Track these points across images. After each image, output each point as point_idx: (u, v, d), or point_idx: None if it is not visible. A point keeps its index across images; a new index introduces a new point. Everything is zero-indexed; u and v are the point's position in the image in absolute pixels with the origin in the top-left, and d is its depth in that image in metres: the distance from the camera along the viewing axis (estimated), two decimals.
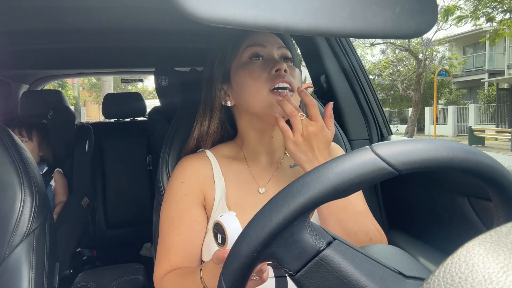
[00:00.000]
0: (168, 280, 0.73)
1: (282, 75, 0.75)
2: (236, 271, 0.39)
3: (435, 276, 0.23)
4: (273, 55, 0.79)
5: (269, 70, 0.76)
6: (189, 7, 0.41)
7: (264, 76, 0.76)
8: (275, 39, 0.82)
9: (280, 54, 0.81)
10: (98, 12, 1.29)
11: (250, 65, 0.78)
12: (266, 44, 0.80)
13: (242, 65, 0.79)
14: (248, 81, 0.77)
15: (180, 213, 0.78)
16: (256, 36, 0.80)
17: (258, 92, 0.76)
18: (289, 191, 0.38)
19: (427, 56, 13.02)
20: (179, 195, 0.80)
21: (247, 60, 0.79)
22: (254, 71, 0.77)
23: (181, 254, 0.76)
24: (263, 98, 0.76)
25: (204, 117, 0.84)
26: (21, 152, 0.83)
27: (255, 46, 0.79)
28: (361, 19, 0.49)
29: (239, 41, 0.80)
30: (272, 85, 0.75)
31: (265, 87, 0.76)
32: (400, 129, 17.27)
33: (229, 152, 0.87)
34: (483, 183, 0.41)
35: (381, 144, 0.39)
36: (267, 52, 0.79)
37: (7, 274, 0.74)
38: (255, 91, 0.76)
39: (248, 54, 0.79)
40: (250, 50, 0.79)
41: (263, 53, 0.79)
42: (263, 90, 0.76)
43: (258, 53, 0.79)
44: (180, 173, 0.82)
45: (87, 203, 1.99)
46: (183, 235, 0.77)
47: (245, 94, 0.78)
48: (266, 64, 0.78)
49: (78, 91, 16.88)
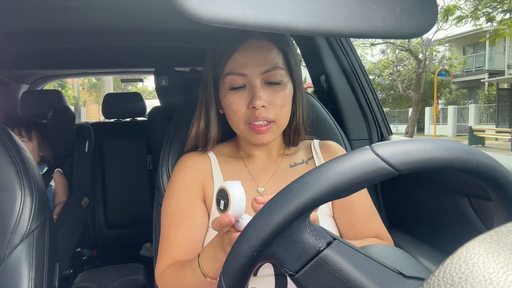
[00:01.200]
0: (168, 272, 0.73)
1: (256, 114, 0.74)
2: (236, 271, 0.39)
3: (435, 276, 0.23)
4: (254, 84, 0.75)
5: (247, 103, 0.75)
6: (189, 7, 0.41)
7: (242, 111, 0.76)
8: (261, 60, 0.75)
9: (264, 78, 0.76)
10: (98, 12, 1.29)
11: (229, 97, 0.77)
12: (248, 71, 0.75)
13: (224, 93, 0.78)
14: (228, 112, 0.79)
15: (182, 207, 0.79)
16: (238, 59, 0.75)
17: (237, 125, 0.78)
18: (289, 191, 0.38)
19: (427, 56, 13.01)
20: (180, 190, 0.80)
21: (227, 90, 0.77)
22: (232, 103, 0.76)
23: (183, 248, 0.76)
24: (241, 130, 0.78)
25: (200, 118, 0.83)
26: (21, 152, 0.83)
27: (235, 75, 0.75)
28: (361, 19, 0.49)
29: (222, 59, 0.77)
30: (248, 121, 0.76)
31: (242, 123, 0.77)
32: (400, 129, 17.27)
33: (228, 151, 0.88)
34: (483, 183, 0.41)
35: (381, 144, 0.39)
36: (249, 80, 0.75)
37: (7, 274, 0.74)
38: (234, 123, 0.79)
39: (228, 83, 0.76)
40: (228, 79, 0.76)
41: (243, 82, 0.76)
42: (240, 125, 0.78)
43: (236, 84, 0.76)
44: (181, 168, 0.83)
45: (87, 203, 1.99)
46: (185, 229, 0.77)
47: (228, 119, 0.81)
48: (246, 94, 0.76)
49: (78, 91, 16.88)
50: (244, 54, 0.75)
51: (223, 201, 0.54)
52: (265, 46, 0.77)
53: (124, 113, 2.67)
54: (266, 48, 0.77)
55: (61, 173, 1.97)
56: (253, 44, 0.75)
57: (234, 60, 0.75)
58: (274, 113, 0.76)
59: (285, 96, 0.77)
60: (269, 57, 0.76)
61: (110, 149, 2.51)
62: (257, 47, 0.76)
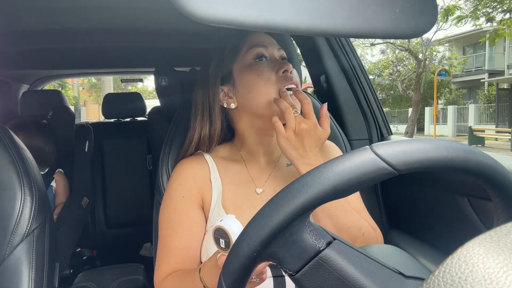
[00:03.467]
0: (168, 282, 0.73)
1: (289, 77, 0.77)
2: (236, 271, 0.39)
3: (435, 276, 0.23)
4: (275, 56, 0.80)
5: (276, 71, 0.77)
6: (189, 7, 0.41)
7: (273, 77, 0.77)
8: (273, 40, 0.83)
9: (280, 55, 0.82)
10: (98, 12, 1.29)
11: (258, 66, 0.78)
12: (268, 45, 0.80)
13: (248, 66, 0.79)
14: (257, 81, 0.77)
15: (178, 216, 0.78)
16: (257, 37, 0.80)
17: (267, 93, 0.77)
18: (289, 191, 0.38)
19: (427, 56, 13.02)
20: (177, 197, 0.80)
21: (253, 61, 0.79)
22: (263, 71, 0.77)
23: (180, 256, 0.76)
24: (270, 100, 0.77)
25: (204, 121, 0.83)
26: (21, 152, 0.83)
27: (258, 47, 0.79)
28: (361, 19, 0.49)
29: (240, 41, 0.80)
30: (281, 86, 0.76)
31: (274, 88, 0.77)
32: (400, 129, 17.27)
33: (227, 153, 0.87)
34: (483, 183, 0.41)
35: (381, 144, 0.39)
36: (270, 52, 0.80)
37: (7, 274, 0.74)
38: (265, 92, 0.77)
39: (253, 55, 0.79)
40: (254, 50, 0.79)
41: (266, 53, 0.79)
42: (271, 91, 0.77)
43: (262, 53, 0.79)
44: (178, 175, 0.82)
45: (87, 203, 1.98)
46: (181, 238, 0.77)
47: (252, 95, 0.78)
48: (272, 65, 0.78)
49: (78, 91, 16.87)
50: (259, 34, 0.81)
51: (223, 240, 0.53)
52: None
53: (124, 113, 2.67)
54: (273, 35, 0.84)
55: (62, 173, 1.97)
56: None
57: (251, 38, 0.80)
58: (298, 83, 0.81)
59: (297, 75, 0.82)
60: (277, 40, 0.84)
61: (110, 149, 2.51)
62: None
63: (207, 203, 0.80)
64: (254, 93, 0.78)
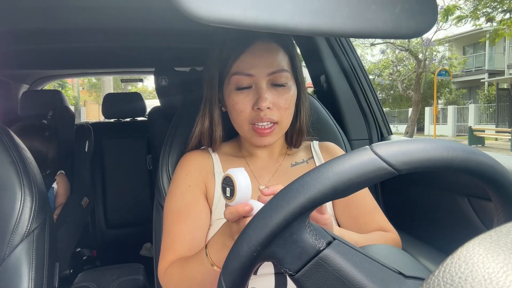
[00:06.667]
0: (172, 268, 0.73)
1: (261, 116, 0.75)
2: (236, 271, 0.39)
3: (435, 276, 0.23)
4: (260, 85, 0.75)
5: (252, 104, 0.76)
6: (189, 7, 0.41)
7: (247, 111, 0.76)
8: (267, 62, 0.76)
9: (270, 79, 0.76)
10: (98, 12, 1.29)
11: (235, 97, 0.77)
12: (254, 72, 0.75)
13: (229, 93, 0.78)
14: (232, 112, 0.79)
15: (186, 203, 0.79)
16: (246, 60, 0.75)
17: (241, 125, 0.79)
18: (289, 191, 0.38)
19: (427, 56, 13.02)
20: (184, 187, 0.81)
21: (233, 90, 0.77)
22: (237, 103, 0.77)
23: (187, 243, 0.75)
24: (245, 131, 0.79)
25: (205, 116, 0.84)
26: (21, 152, 0.83)
27: (240, 75, 0.75)
28: (361, 19, 0.49)
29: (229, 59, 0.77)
30: (252, 122, 0.77)
31: (246, 123, 0.78)
32: (400, 129, 17.27)
33: (230, 149, 0.88)
34: (483, 183, 0.41)
35: (381, 144, 0.39)
36: (255, 81, 0.76)
37: (7, 274, 0.74)
38: (238, 123, 0.79)
39: (235, 83, 0.76)
40: (237, 78, 0.76)
41: (249, 82, 0.76)
42: (244, 126, 0.78)
43: (242, 84, 0.76)
44: (184, 166, 0.84)
45: (87, 203, 1.98)
46: (189, 226, 0.77)
47: (232, 119, 0.81)
48: (252, 95, 0.76)
49: (78, 91, 16.87)
50: (251, 55, 0.76)
51: (229, 188, 0.54)
52: (273, 48, 0.77)
53: (124, 113, 2.67)
54: (273, 50, 0.77)
55: (63, 175, 1.97)
56: (260, 46, 0.76)
57: (241, 61, 0.76)
58: (278, 114, 0.77)
59: (290, 99, 0.78)
60: (276, 60, 0.77)
61: (110, 149, 2.51)
62: (265, 49, 0.76)
63: (211, 195, 0.81)
64: (233, 119, 0.81)
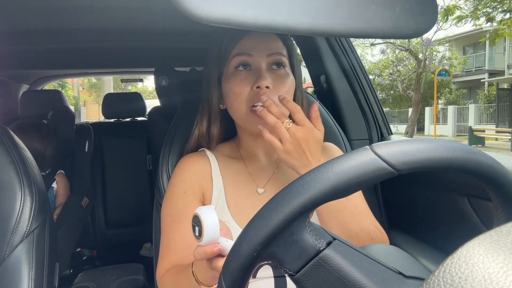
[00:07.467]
0: (166, 278, 0.74)
1: (260, 94, 0.73)
2: (236, 271, 0.39)
3: (435, 276, 0.23)
4: (259, 65, 0.76)
5: (251, 85, 0.75)
6: (189, 7, 0.41)
7: (245, 92, 0.75)
8: (267, 45, 0.77)
9: (269, 62, 0.77)
10: (98, 12, 1.29)
11: (234, 78, 0.76)
12: (254, 53, 0.76)
13: (228, 76, 0.78)
14: (230, 95, 0.77)
15: (179, 211, 0.79)
16: (245, 43, 0.77)
17: (239, 109, 0.77)
18: (289, 191, 0.38)
19: (427, 56, 13.02)
20: (178, 193, 0.80)
21: (233, 71, 0.77)
22: (237, 85, 0.76)
23: (180, 252, 0.76)
24: (243, 115, 0.77)
25: (203, 117, 0.84)
26: (21, 152, 0.83)
27: (241, 56, 0.76)
28: (361, 19, 0.49)
29: (228, 47, 0.78)
30: (251, 103, 0.75)
31: (244, 105, 0.75)
32: (400, 129, 17.26)
33: (229, 151, 0.87)
34: (483, 183, 0.41)
35: (381, 144, 0.39)
36: (254, 61, 0.76)
37: (7, 274, 0.74)
38: (236, 107, 0.77)
39: (234, 64, 0.77)
40: (237, 59, 0.76)
41: (249, 62, 0.76)
42: (242, 108, 0.76)
43: (244, 62, 0.76)
44: (180, 171, 0.83)
45: (87, 203, 1.98)
46: (182, 233, 0.77)
47: (229, 106, 0.80)
48: (251, 77, 0.76)
49: (78, 91, 16.87)
50: (250, 39, 0.77)
51: (197, 227, 0.53)
52: (271, 35, 0.79)
53: (124, 113, 2.67)
54: (272, 37, 0.79)
55: (63, 174, 1.97)
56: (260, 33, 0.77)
57: (241, 44, 0.77)
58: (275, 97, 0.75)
59: (289, 84, 0.78)
60: (275, 44, 0.78)
61: (110, 149, 2.51)
62: (264, 34, 0.78)
63: (208, 199, 0.81)
64: (230, 105, 0.79)
